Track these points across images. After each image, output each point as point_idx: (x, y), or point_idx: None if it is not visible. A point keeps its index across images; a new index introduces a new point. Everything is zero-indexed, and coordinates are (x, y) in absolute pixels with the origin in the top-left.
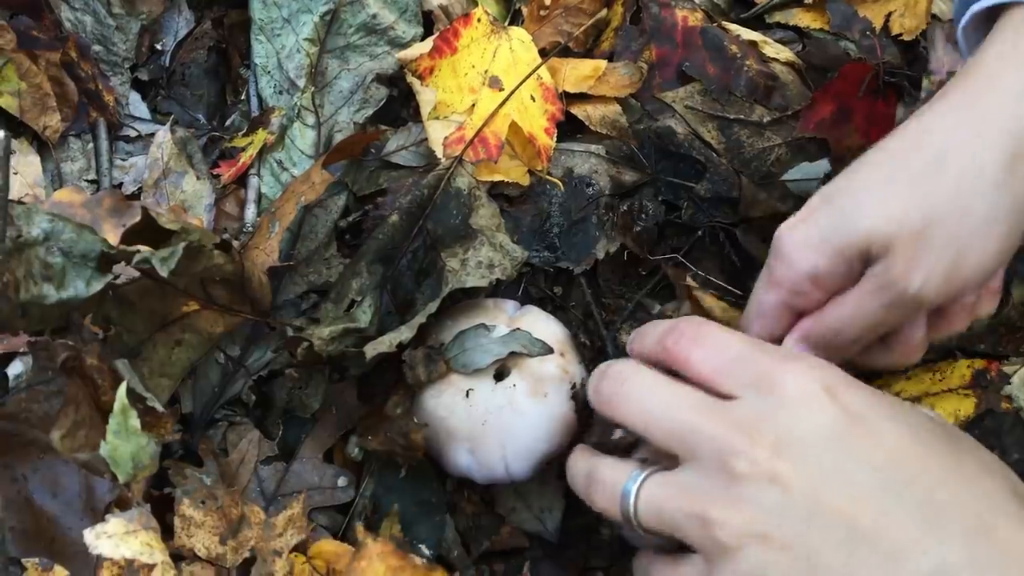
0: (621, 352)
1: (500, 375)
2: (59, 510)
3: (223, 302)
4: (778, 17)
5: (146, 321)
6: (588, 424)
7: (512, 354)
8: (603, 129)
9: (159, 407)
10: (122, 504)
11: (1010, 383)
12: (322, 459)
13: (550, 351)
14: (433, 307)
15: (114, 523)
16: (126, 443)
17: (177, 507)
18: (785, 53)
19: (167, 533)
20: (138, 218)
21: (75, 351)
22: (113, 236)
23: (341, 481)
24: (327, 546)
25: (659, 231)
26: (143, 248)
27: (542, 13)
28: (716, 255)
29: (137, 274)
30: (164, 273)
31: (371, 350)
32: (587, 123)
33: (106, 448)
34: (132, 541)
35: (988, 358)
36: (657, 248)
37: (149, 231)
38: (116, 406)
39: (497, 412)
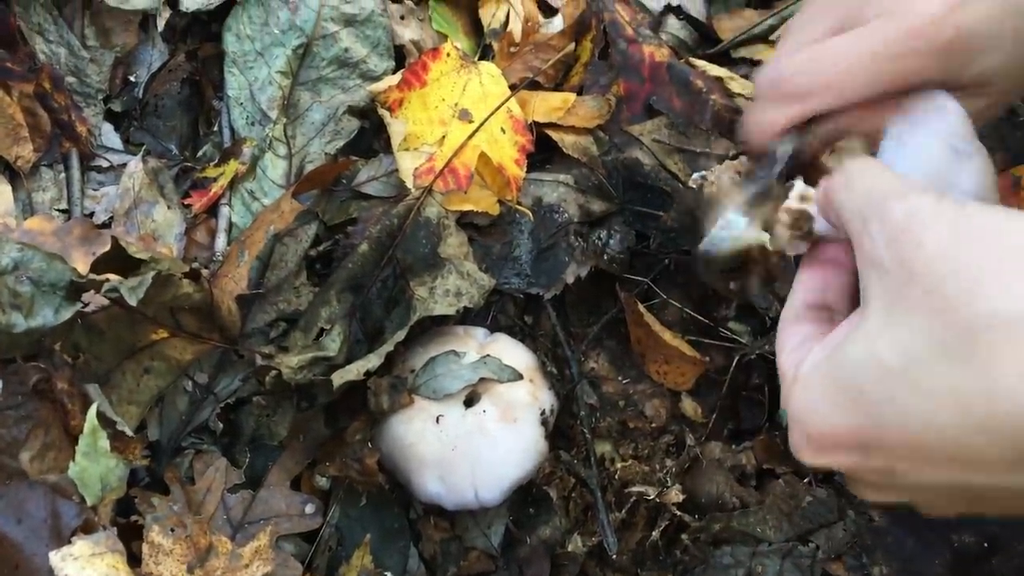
0: (585, 377)
1: (470, 401)
2: (24, 536)
3: (192, 330)
4: (743, 52)
5: (115, 349)
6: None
7: (482, 380)
8: (575, 153)
9: (128, 431)
10: (88, 529)
11: None
12: (289, 487)
13: (519, 377)
14: (401, 335)
15: (80, 545)
16: (95, 464)
17: (146, 534)
18: (750, 88)
19: (132, 561)
20: (108, 247)
21: (46, 374)
22: (83, 265)
23: (308, 508)
24: None
25: (628, 259)
26: (112, 277)
27: (512, 49)
28: (683, 284)
29: (106, 302)
30: (133, 302)
31: (339, 378)
32: (560, 145)
33: (75, 469)
34: (98, 563)
35: None
36: (626, 276)
37: (118, 260)
38: (86, 427)
39: (467, 438)
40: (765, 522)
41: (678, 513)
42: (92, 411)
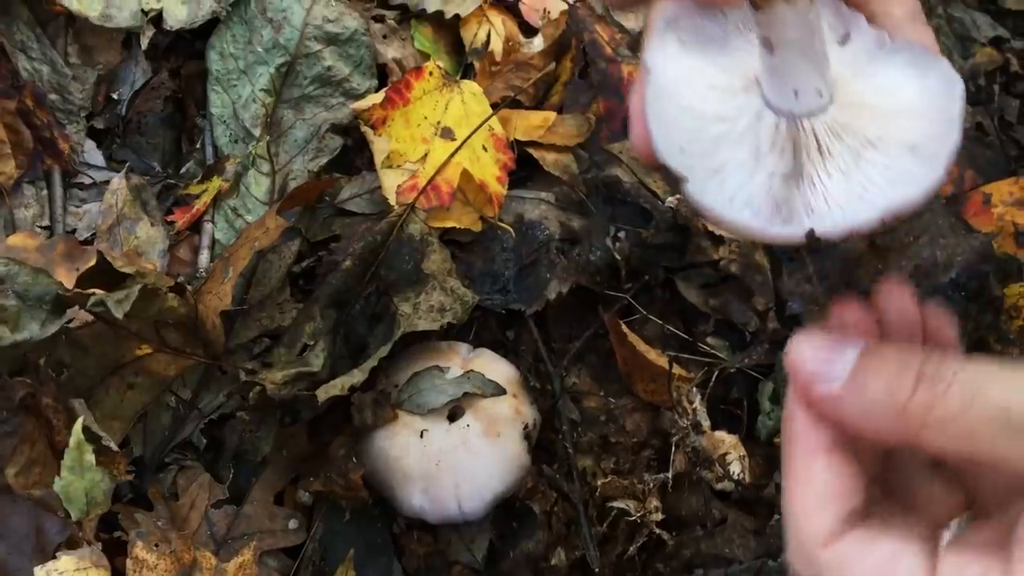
0: (567, 392)
1: (454, 416)
2: (7, 552)
3: (176, 345)
4: None
5: (99, 364)
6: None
7: (466, 395)
8: (556, 171)
9: (113, 446)
10: (72, 545)
11: None
12: (273, 502)
13: (503, 392)
14: (385, 351)
15: (65, 560)
16: (80, 479)
17: (131, 549)
18: None
19: None
20: (92, 262)
21: (32, 389)
22: (67, 281)
23: (292, 524)
24: None
25: (609, 275)
26: (98, 291)
27: (493, 68)
28: (662, 299)
29: (91, 318)
30: (119, 315)
31: (323, 393)
32: (541, 163)
33: (60, 484)
34: None
35: None
36: (607, 292)
37: (103, 275)
38: (72, 441)
39: (451, 452)
40: (732, 541)
41: (657, 531)
42: (78, 425)
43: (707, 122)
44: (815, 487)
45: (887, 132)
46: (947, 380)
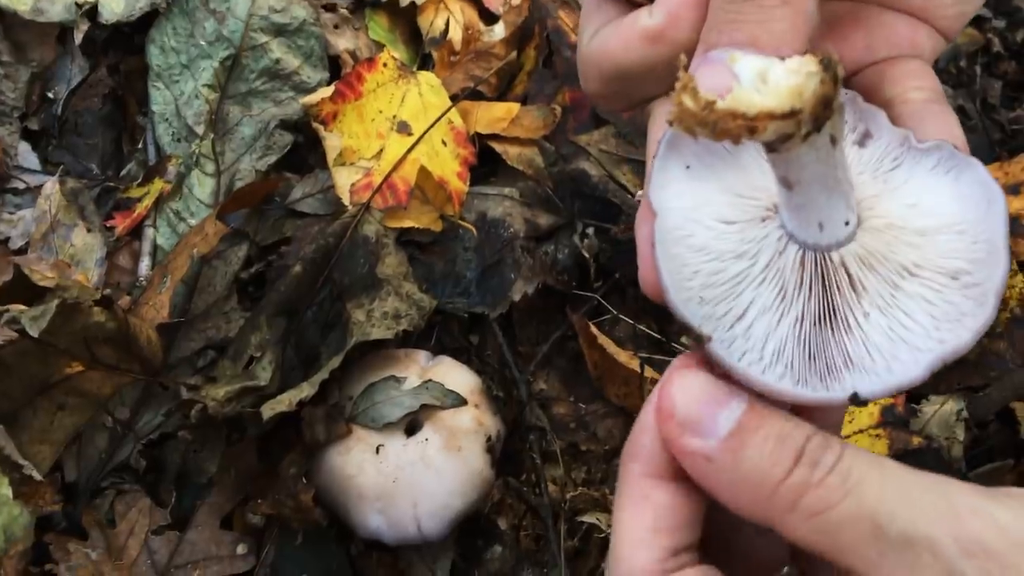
0: (534, 399)
1: (412, 429)
2: None
3: (110, 362)
4: None
5: (24, 385)
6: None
7: (424, 407)
8: (520, 165)
9: (36, 475)
10: None
11: (917, 416)
12: (219, 526)
13: (463, 402)
14: (336, 362)
15: None
16: None
17: None
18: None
19: None
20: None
21: None
22: None
23: (240, 549)
24: None
25: (577, 274)
26: (12, 307)
27: (452, 58)
28: (633, 298)
29: (14, 335)
30: (34, 332)
31: (268, 410)
32: (504, 157)
33: None
34: None
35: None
36: (576, 292)
37: (22, 289)
38: None
39: (409, 468)
40: None
41: None
42: None
43: (724, 261)
44: (646, 516)
45: (924, 256)
46: (827, 466)
